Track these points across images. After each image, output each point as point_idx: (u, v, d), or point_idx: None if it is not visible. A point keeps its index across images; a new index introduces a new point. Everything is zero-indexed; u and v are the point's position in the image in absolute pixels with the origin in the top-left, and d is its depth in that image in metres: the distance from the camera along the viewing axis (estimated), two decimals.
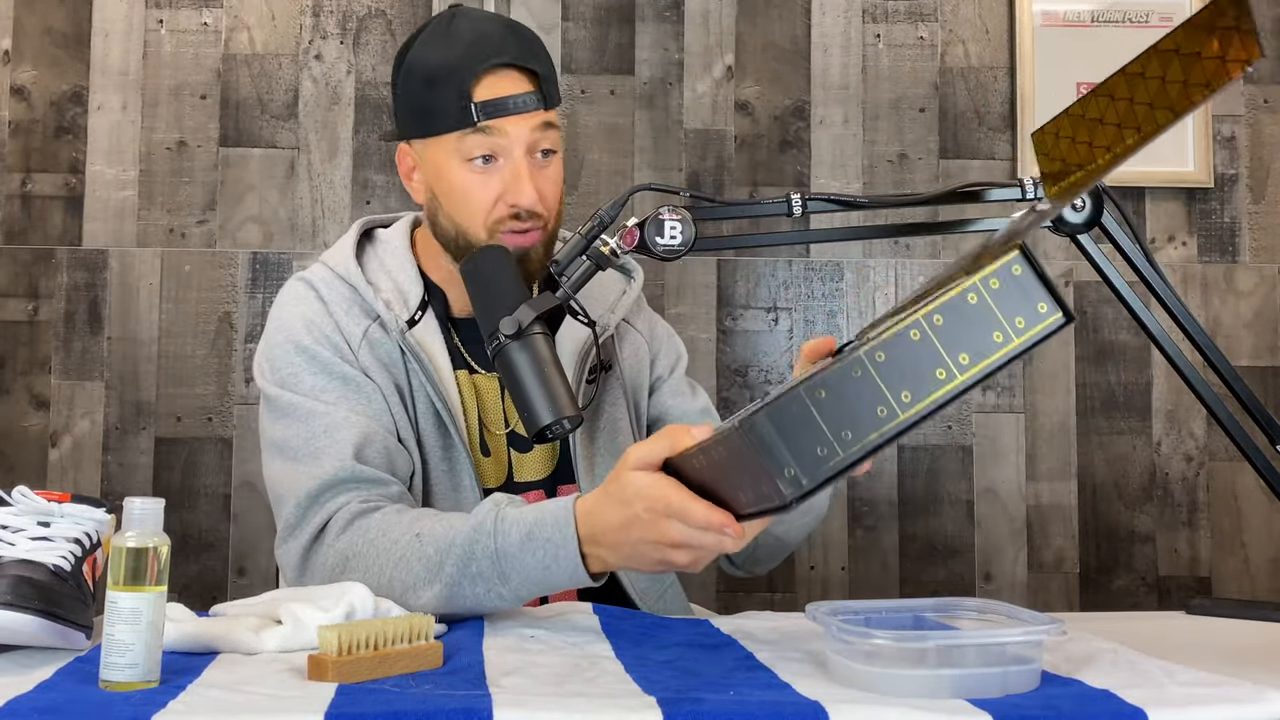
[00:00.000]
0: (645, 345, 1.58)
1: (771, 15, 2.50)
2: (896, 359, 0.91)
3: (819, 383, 0.89)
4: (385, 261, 1.49)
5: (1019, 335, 0.93)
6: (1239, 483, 2.47)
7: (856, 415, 0.89)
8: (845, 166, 2.48)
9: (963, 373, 0.91)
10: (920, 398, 0.91)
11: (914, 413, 0.90)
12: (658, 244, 1.29)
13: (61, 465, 2.34)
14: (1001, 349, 0.92)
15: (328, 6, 2.44)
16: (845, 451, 0.89)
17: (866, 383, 0.90)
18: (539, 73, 1.40)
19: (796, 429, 0.89)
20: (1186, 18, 1.15)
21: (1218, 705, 0.88)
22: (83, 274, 2.37)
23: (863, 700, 0.88)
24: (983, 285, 0.93)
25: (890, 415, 0.90)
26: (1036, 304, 0.93)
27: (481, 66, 1.37)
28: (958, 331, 0.92)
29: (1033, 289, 0.94)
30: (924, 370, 0.91)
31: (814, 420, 0.89)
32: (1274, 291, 2.50)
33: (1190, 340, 1.34)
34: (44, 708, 0.85)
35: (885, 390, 0.90)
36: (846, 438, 0.89)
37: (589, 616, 1.24)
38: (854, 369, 0.90)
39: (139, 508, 0.95)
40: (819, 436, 0.89)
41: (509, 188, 1.38)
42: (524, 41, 1.41)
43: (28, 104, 2.40)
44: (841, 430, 0.89)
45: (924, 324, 0.92)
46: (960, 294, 0.93)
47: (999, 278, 0.93)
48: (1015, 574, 2.44)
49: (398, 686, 0.92)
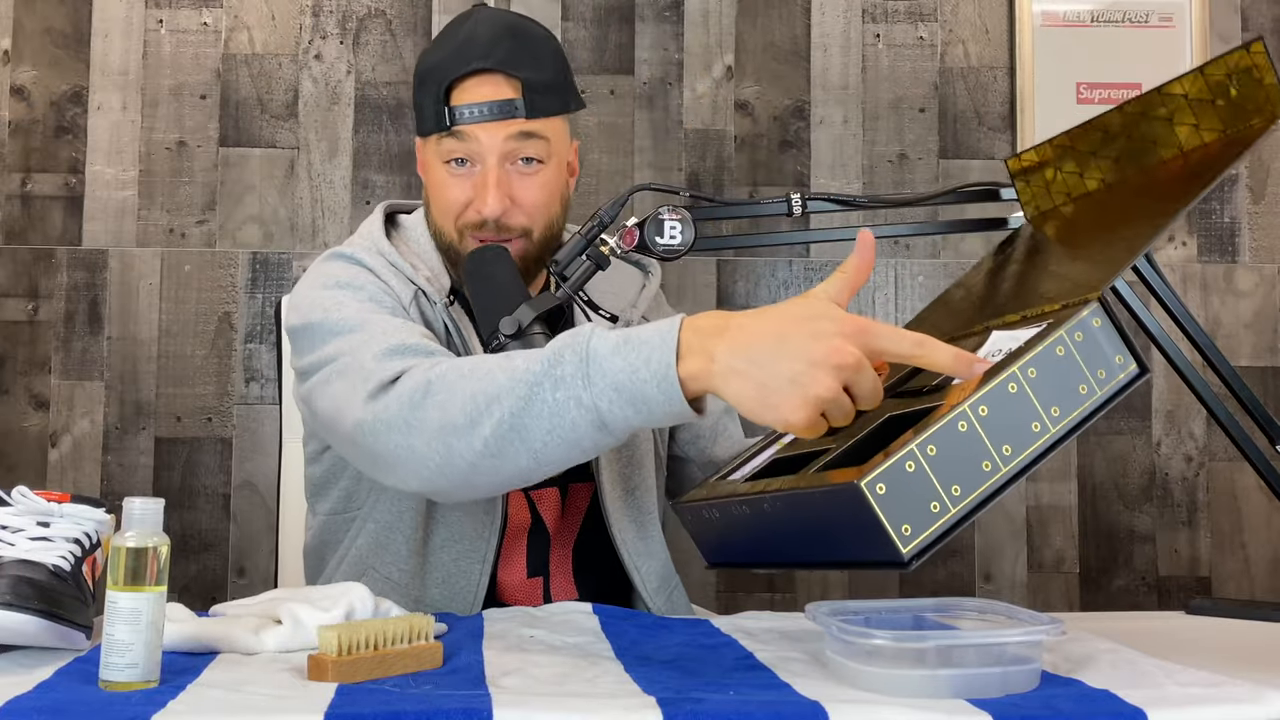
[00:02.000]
0: None
1: (771, 15, 2.50)
2: (997, 413, 0.92)
3: (929, 439, 0.90)
4: (413, 245, 1.50)
5: (1100, 387, 0.95)
6: (1239, 483, 2.47)
7: (965, 470, 0.91)
8: (845, 166, 2.48)
9: (1054, 425, 0.93)
10: (1019, 451, 0.92)
11: (1014, 465, 0.92)
12: (658, 244, 1.29)
13: (61, 465, 2.34)
14: (1086, 401, 0.95)
15: (328, 6, 2.44)
16: (955, 507, 0.90)
17: (971, 438, 0.92)
18: (525, 79, 1.38)
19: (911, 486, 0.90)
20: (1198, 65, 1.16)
21: (1218, 705, 0.88)
22: (83, 274, 2.37)
23: (863, 700, 0.88)
24: (1068, 337, 0.95)
25: (994, 469, 0.92)
26: (1114, 356, 0.96)
27: (459, 71, 1.38)
28: (1050, 384, 0.94)
29: (1111, 341, 0.96)
30: (1022, 424, 0.93)
31: (927, 478, 0.90)
32: (1274, 291, 2.50)
33: (1190, 340, 1.34)
34: (44, 708, 0.85)
35: (989, 445, 0.92)
36: (955, 493, 0.90)
37: (589, 617, 1.24)
38: (959, 424, 0.91)
39: (139, 508, 0.95)
40: (932, 493, 0.90)
41: (477, 194, 1.39)
42: (520, 46, 1.40)
43: (28, 104, 2.40)
44: (951, 485, 0.90)
45: (1020, 376, 0.93)
46: (1049, 346, 0.95)
47: (1083, 330, 0.96)
48: (1015, 574, 2.44)
49: (398, 686, 0.92)
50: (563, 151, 1.45)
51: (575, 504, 1.49)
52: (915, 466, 0.90)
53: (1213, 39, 2.50)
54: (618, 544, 1.45)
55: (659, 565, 1.49)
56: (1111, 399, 0.95)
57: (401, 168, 2.42)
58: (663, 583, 1.48)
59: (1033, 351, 0.95)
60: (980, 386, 0.93)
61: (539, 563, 1.46)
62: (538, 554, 1.46)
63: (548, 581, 1.47)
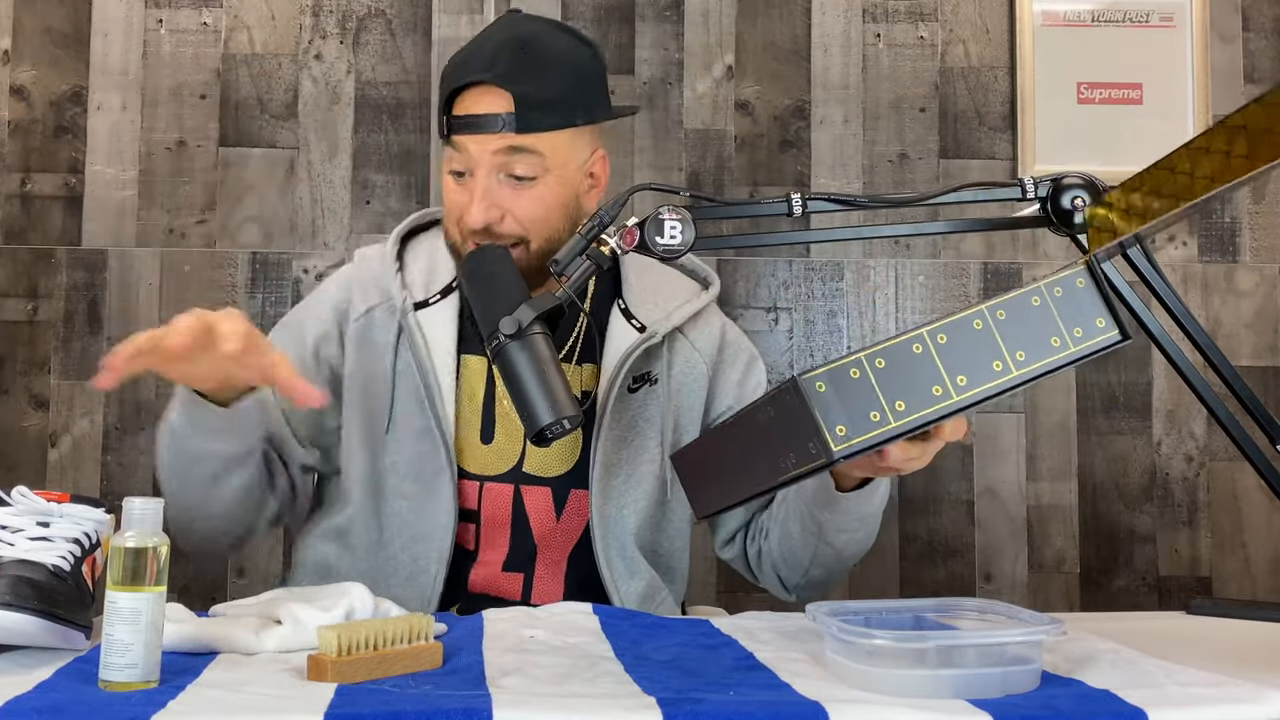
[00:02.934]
0: (703, 365, 1.53)
1: (771, 15, 2.50)
2: (957, 343, 0.95)
3: (879, 353, 0.93)
4: (433, 241, 1.54)
5: (1075, 344, 0.98)
6: (1239, 483, 2.47)
7: (912, 389, 0.94)
8: (845, 166, 2.48)
9: (1017, 368, 0.96)
10: (974, 384, 0.95)
11: (966, 397, 0.95)
12: (658, 244, 1.29)
13: (61, 465, 2.34)
14: (1056, 354, 0.97)
15: (328, 6, 2.44)
16: (896, 421, 0.93)
17: (925, 360, 0.94)
18: (520, 94, 1.37)
19: (853, 391, 0.92)
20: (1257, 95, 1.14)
21: (1218, 705, 0.88)
22: (82, 274, 2.37)
23: (863, 700, 0.88)
24: (1047, 290, 0.98)
25: (944, 396, 0.94)
26: (1095, 318, 0.99)
27: (458, 82, 1.40)
28: (1018, 329, 0.97)
29: (1093, 303, 0.99)
30: (981, 358, 0.96)
31: (871, 386, 0.93)
32: (1274, 291, 2.50)
33: (1190, 340, 1.34)
34: (44, 708, 0.85)
35: (942, 370, 0.95)
36: (899, 409, 0.93)
37: (589, 617, 1.24)
38: (914, 344, 0.94)
39: (138, 508, 0.95)
40: (874, 402, 0.93)
41: (468, 204, 1.41)
42: (524, 60, 1.39)
43: (27, 104, 2.40)
44: (896, 400, 0.93)
45: (987, 315, 0.96)
46: (1025, 294, 0.98)
47: (1063, 286, 0.99)
48: (1015, 574, 2.43)
49: (397, 687, 0.92)
50: (568, 164, 1.43)
51: (576, 510, 1.48)
52: (860, 374, 0.93)
53: (1213, 39, 2.50)
54: (599, 560, 1.45)
55: (640, 586, 1.47)
56: (1085, 356, 0.98)
57: (401, 168, 2.42)
58: (640, 603, 1.47)
59: (1006, 296, 0.98)
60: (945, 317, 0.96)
61: (521, 559, 1.46)
62: (520, 550, 1.46)
63: (530, 579, 1.46)
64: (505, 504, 1.46)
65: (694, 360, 1.52)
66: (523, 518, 1.46)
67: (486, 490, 1.46)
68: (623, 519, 1.47)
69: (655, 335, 1.48)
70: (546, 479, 1.47)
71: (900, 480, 2.41)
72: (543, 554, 1.47)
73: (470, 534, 1.46)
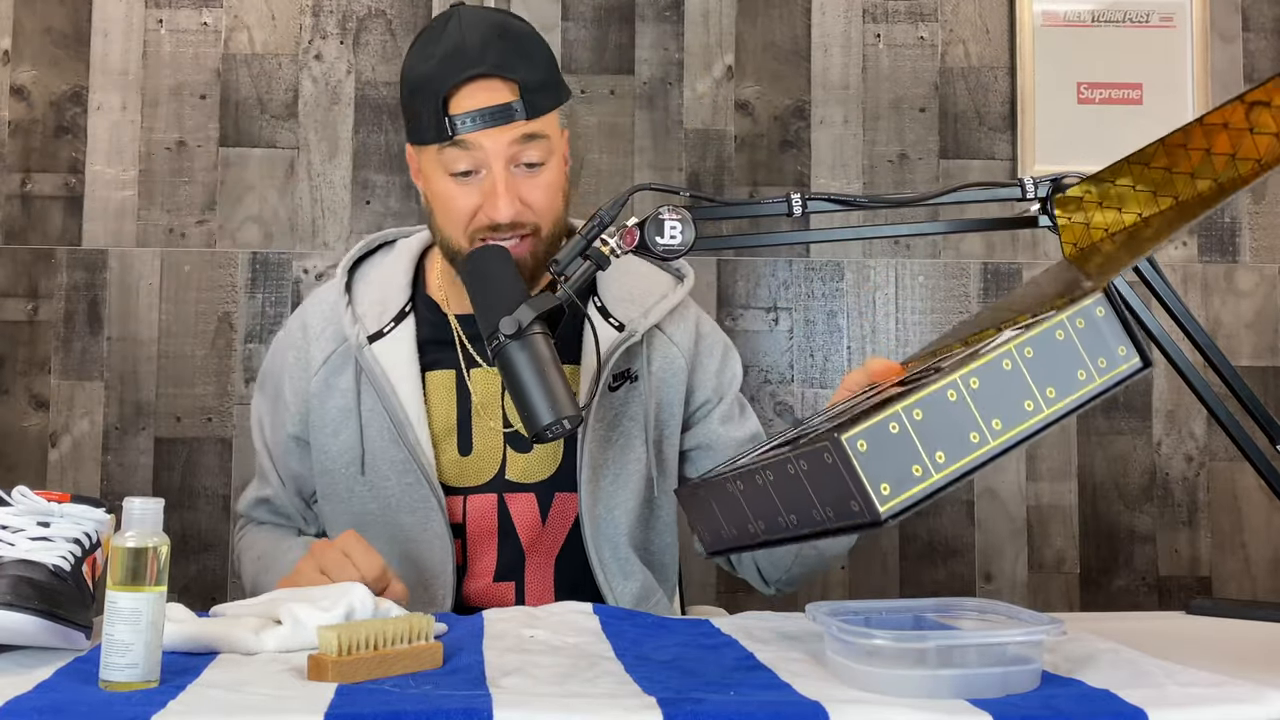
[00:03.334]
0: (681, 360, 1.52)
1: (771, 15, 2.50)
2: (989, 385, 0.94)
3: (915, 404, 0.91)
4: (386, 268, 1.52)
5: (1100, 375, 0.97)
6: (1239, 483, 2.47)
7: (950, 438, 0.92)
8: (845, 166, 2.48)
9: (1049, 406, 0.95)
10: (1010, 426, 0.94)
11: (1003, 440, 0.93)
12: (658, 244, 1.29)
13: (61, 465, 2.34)
14: (1084, 387, 0.96)
15: (328, 6, 2.44)
16: (938, 473, 0.91)
17: (960, 408, 0.93)
18: (522, 81, 1.36)
19: (894, 447, 0.90)
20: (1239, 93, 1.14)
21: (1218, 705, 0.88)
22: (82, 274, 2.37)
23: (863, 700, 0.88)
24: (1069, 323, 0.97)
25: (982, 441, 0.93)
26: (1117, 347, 0.97)
27: (456, 78, 1.36)
28: (1046, 365, 0.96)
29: (1114, 331, 0.98)
30: (1014, 399, 0.94)
31: (911, 440, 0.91)
32: (1274, 291, 2.50)
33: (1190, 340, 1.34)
34: (44, 708, 0.85)
35: (978, 416, 0.93)
36: (940, 460, 0.91)
37: (589, 617, 1.24)
38: (949, 391, 0.93)
39: (139, 508, 0.95)
40: (915, 456, 0.91)
41: (487, 200, 1.39)
42: (511, 47, 1.38)
43: (27, 104, 2.40)
44: (935, 451, 0.91)
45: (1015, 354, 0.95)
46: (1049, 329, 0.97)
47: (1084, 318, 0.98)
48: (1015, 574, 2.43)
49: (397, 686, 0.92)
50: (560, 146, 1.44)
51: (561, 512, 1.47)
52: (900, 428, 0.91)
53: (1213, 39, 2.50)
54: (593, 562, 1.45)
55: (634, 586, 1.47)
56: (1111, 388, 0.97)
57: (402, 168, 2.42)
58: (636, 603, 1.47)
59: (1031, 332, 0.96)
60: (974, 360, 0.95)
61: (510, 567, 1.46)
62: (509, 558, 1.46)
63: (521, 587, 1.46)
64: (490, 514, 1.46)
65: (672, 355, 1.52)
66: (509, 526, 1.46)
67: (470, 502, 1.46)
68: (614, 520, 1.46)
69: (635, 334, 1.47)
70: (530, 485, 1.46)
71: None
72: (530, 560, 1.46)
73: (458, 548, 1.46)
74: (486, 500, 1.45)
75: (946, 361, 1.06)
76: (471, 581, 1.46)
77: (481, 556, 1.46)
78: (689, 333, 1.54)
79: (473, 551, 1.46)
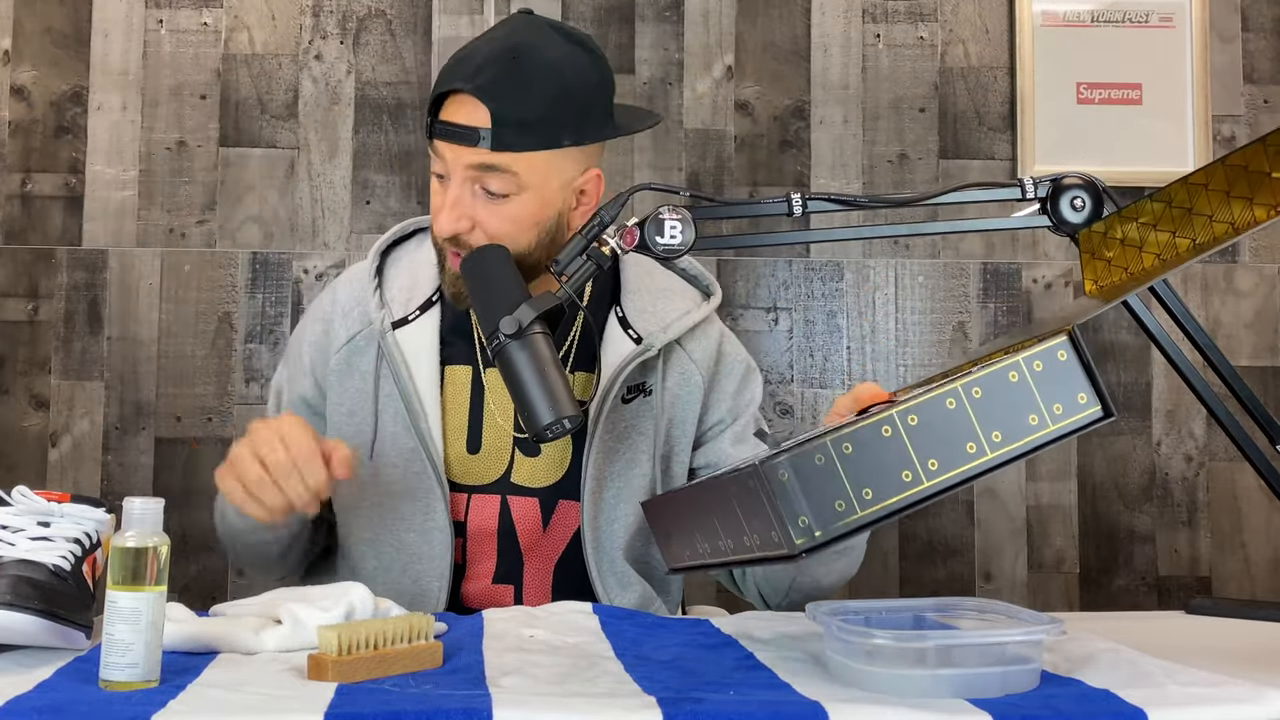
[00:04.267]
0: (698, 377, 1.50)
1: (771, 15, 2.50)
2: (929, 424, 0.89)
3: (847, 437, 0.88)
4: (415, 255, 1.53)
5: (1054, 422, 0.91)
6: (1239, 483, 2.47)
7: (880, 475, 0.88)
8: (845, 166, 2.48)
9: (993, 450, 0.90)
10: (947, 468, 0.89)
11: (938, 482, 0.89)
12: (658, 244, 1.29)
13: (61, 465, 2.34)
14: (1035, 432, 0.91)
15: (328, 6, 2.44)
16: (863, 510, 0.87)
17: (895, 444, 0.89)
18: (495, 112, 1.33)
19: (818, 480, 0.87)
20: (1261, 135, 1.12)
21: (1218, 705, 0.88)
22: (83, 274, 2.37)
23: (863, 700, 0.88)
24: (1026, 365, 0.92)
25: (915, 481, 0.89)
26: (1077, 394, 0.92)
27: (444, 87, 1.37)
28: (994, 407, 0.90)
29: (1075, 378, 0.92)
30: (955, 440, 0.90)
31: (837, 472, 0.87)
32: (1274, 291, 2.50)
33: (1190, 340, 1.34)
34: (44, 708, 0.85)
35: (913, 454, 0.89)
36: (866, 497, 0.88)
37: (589, 616, 1.24)
38: (883, 427, 0.88)
39: (139, 508, 0.95)
40: (839, 491, 0.87)
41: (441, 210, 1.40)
42: (512, 76, 1.34)
43: (28, 104, 2.40)
44: (863, 488, 0.88)
45: (961, 394, 0.90)
46: (1003, 369, 0.91)
47: (1043, 360, 0.92)
48: (1015, 574, 2.44)
49: (397, 686, 0.92)
50: (548, 183, 1.38)
51: (563, 520, 1.47)
52: (825, 460, 0.87)
53: (1213, 39, 2.50)
54: (591, 572, 1.44)
55: (633, 597, 1.46)
56: (1066, 435, 0.92)
57: (402, 168, 2.42)
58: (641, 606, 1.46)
59: (982, 372, 0.92)
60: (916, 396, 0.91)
61: (509, 570, 1.46)
62: (508, 561, 1.46)
63: (520, 590, 1.46)
64: (492, 515, 1.45)
65: (690, 372, 1.50)
66: (509, 528, 1.45)
67: (474, 501, 1.45)
68: (613, 533, 1.46)
69: (651, 349, 1.45)
70: (534, 489, 1.46)
71: None
72: (529, 564, 1.46)
73: (459, 547, 1.46)
74: (490, 501, 1.45)
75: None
76: (470, 582, 1.46)
77: (481, 557, 1.46)
78: (710, 351, 1.52)
79: (472, 551, 1.46)
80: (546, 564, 1.47)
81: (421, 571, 1.43)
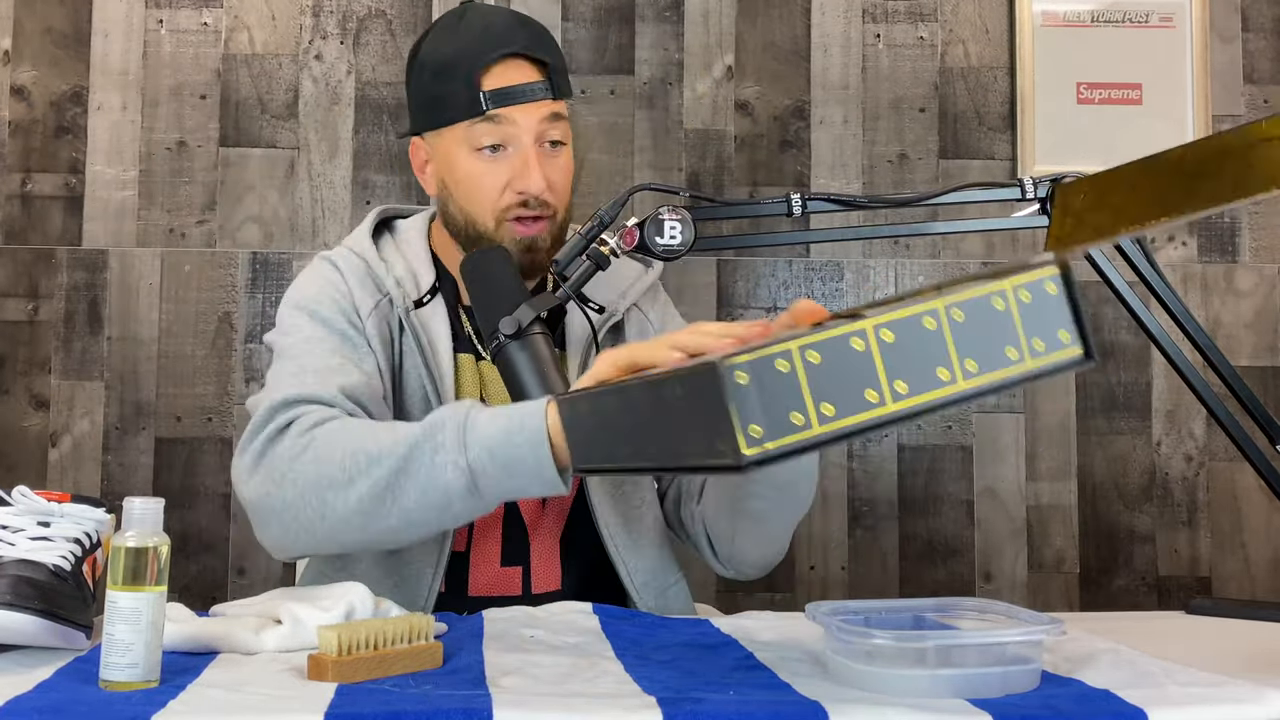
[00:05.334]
0: (653, 331, 1.55)
1: (771, 15, 2.50)
2: (903, 343, 0.82)
3: (815, 345, 0.79)
4: (401, 246, 1.52)
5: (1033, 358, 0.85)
6: (1239, 483, 2.47)
7: (844, 391, 0.80)
8: (845, 166, 2.48)
9: (965, 379, 0.83)
10: (915, 392, 0.82)
11: (902, 407, 0.81)
12: (658, 244, 1.29)
13: (61, 465, 2.34)
14: (1010, 366, 0.85)
15: (328, 6, 2.44)
16: (821, 427, 0.79)
17: (864, 360, 0.81)
18: (548, 63, 1.42)
19: (778, 388, 0.78)
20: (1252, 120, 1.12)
21: (1218, 705, 0.88)
22: (83, 274, 2.37)
23: (863, 700, 0.89)
24: (1013, 293, 0.85)
25: (879, 402, 0.81)
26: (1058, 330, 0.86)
27: (490, 56, 1.40)
28: (973, 334, 0.83)
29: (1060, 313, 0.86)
30: (927, 364, 0.82)
31: (797, 383, 0.79)
32: (1274, 291, 2.50)
33: (1190, 340, 1.34)
34: (44, 708, 0.85)
35: (881, 373, 0.81)
36: (826, 413, 0.79)
37: (589, 617, 1.24)
38: (854, 339, 0.81)
39: (139, 508, 0.95)
40: (798, 402, 0.79)
41: (517, 175, 1.41)
42: (534, 33, 1.44)
43: (28, 104, 2.40)
44: (823, 402, 0.79)
45: (942, 314, 0.83)
46: (987, 295, 0.85)
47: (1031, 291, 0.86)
48: (1015, 574, 2.44)
49: (397, 686, 0.92)
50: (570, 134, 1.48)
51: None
52: (789, 368, 0.79)
53: (1213, 39, 2.50)
54: (604, 536, 1.44)
55: (648, 563, 1.47)
56: (1042, 374, 0.85)
57: (403, 168, 2.42)
58: (652, 578, 1.46)
59: (966, 293, 0.84)
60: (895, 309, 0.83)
61: (516, 552, 1.45)
62: (514, 543, 1.46)
63: (528, 571, 1.45)
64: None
65: (646, 330, 1.55)
66: (513, 506, 1.45)
67: None
68: (623, 495, 1.47)
69: (617, 314, 1.50)
70: None
71: (900, 480, 2.42)
72: (535, 541, 1.46)
73: (463, 534, 1.45)
74: None
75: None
76: (477, 569, 1.45)
77: (487, 539, 1.45)
78: (660, 313, 1.58)
79: (478, 534, 1.45)
80: (552, 538, 1.47)
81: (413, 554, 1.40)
